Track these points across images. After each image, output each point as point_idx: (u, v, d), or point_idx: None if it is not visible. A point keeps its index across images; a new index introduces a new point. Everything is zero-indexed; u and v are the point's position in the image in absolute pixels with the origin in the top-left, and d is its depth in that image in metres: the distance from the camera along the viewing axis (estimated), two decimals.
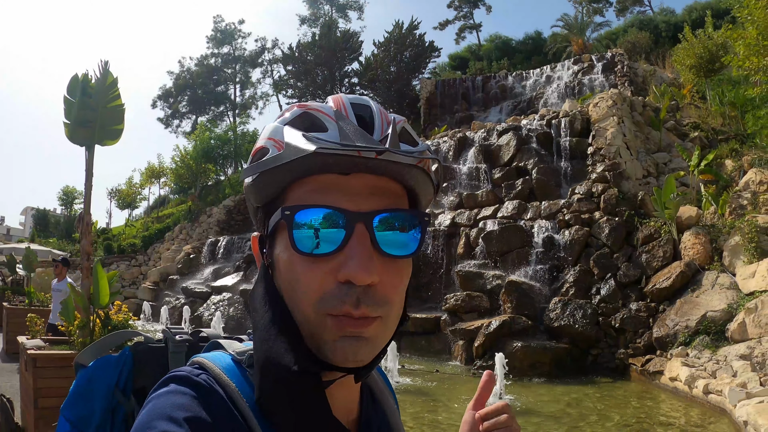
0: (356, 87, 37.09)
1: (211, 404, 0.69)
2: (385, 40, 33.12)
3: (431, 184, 0.78)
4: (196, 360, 0.78)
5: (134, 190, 40.11)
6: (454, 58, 41.35)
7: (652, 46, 29.76)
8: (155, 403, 0.67)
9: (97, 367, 0.96)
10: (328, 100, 0.78)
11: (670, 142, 16.36)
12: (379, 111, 0.77)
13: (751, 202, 12.27)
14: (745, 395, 7.11)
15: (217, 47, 47.02)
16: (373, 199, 0.72)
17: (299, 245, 0.70)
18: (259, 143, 0.77)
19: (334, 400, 0.74)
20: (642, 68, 25.33)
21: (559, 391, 9.67)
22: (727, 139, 15.77)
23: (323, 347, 0.71)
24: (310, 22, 42.62)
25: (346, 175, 0.72)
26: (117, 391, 0.94)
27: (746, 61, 14.25)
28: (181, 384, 0.70)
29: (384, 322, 0.72)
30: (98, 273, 6.05)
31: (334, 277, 0.70)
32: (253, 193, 0.78)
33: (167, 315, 20.21)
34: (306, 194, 0.73)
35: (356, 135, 0.70)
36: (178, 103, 47.77)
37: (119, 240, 30.82)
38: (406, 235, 0.74)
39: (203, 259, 24.04)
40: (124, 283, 26.69)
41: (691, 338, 10.10)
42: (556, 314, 11.57)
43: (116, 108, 6.17)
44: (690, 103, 18.66)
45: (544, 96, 26.52)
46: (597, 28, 39.63)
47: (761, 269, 10.31)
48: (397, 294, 0.74)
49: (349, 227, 0.70)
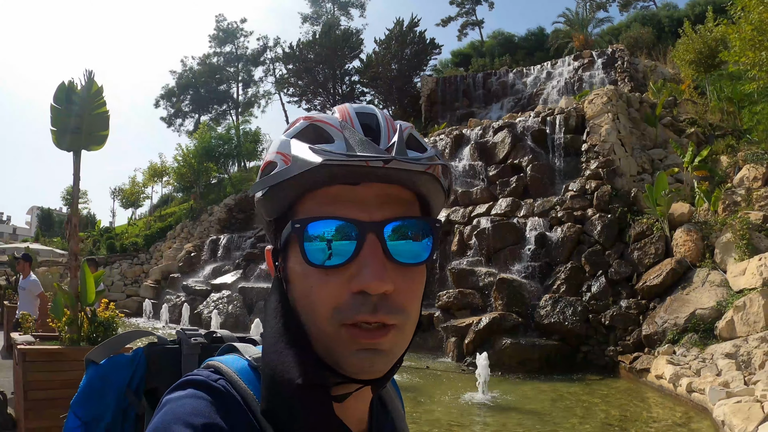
0: (357, 85, 37.07)
1: (228, 411, 0.69)
2: (386, 38, 33.03)
3: (442, 190, 0.78)
4: (212, 364, 0.78)
5: (138, 189, 40.25)
6: (456, 54, 41.25)
7: (654, 42, 29.53)
8: (172, 406, 0.67)
9: (111, 366, 0.95)
10: (334, 111, 0.78)
11: (666, 138, 16.26)
12: (385, 119, 0.77)
13: (745, 199, 12.18)
14: (725, 394, 7.06)
15: (219, 46, 47.12)
16: (384, 208, 0.72)
17: (311, 258, 0.71)
18: (268, 157, 0.77)
19: (346, 411, 0.75)
20: (643, 64, 25.15)
21: (544, 388, 9.66)
22: (724, 135, 15.66)
23: (340, 360, 0.71)
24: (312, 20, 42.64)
25: (355, 185, 0.72)
26: (129, 391, 0.94)
27: (742, 56, 14.16)
28: (199, 388, 0.70)
29: (400, 331, 0.72)
30: (85, 272, 6.19)
31: (348, 288, 0.70)
32: (264, 207, 0.79)
33: (167, 313, 20.40)
34: (316, 206, 0.73)
35: (362, 145, 0.70)
36: (181, 102, 47.91)
37: (122, 239, 30.96)
38: (418, 242, 0.74)
39: (204, 257, 24.20)
40: (127, 281, 26.87)
41: (679, 336, 10.05)
42: (547, 311, 11.55)
43: (101, 115, 6.32)
44: (687, 99, 18.53)
45: (544, 92, 26.41)
46: (599, 23, 39.44)
47: (751, 267, 10.23)
48: (413, 302, 0.75)
49: (361, 237, 0.70)
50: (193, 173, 32.00)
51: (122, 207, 41.00)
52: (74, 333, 5.88)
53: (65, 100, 6.17)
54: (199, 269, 23.57)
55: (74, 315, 5.93)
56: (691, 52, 18.96)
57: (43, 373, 5.44)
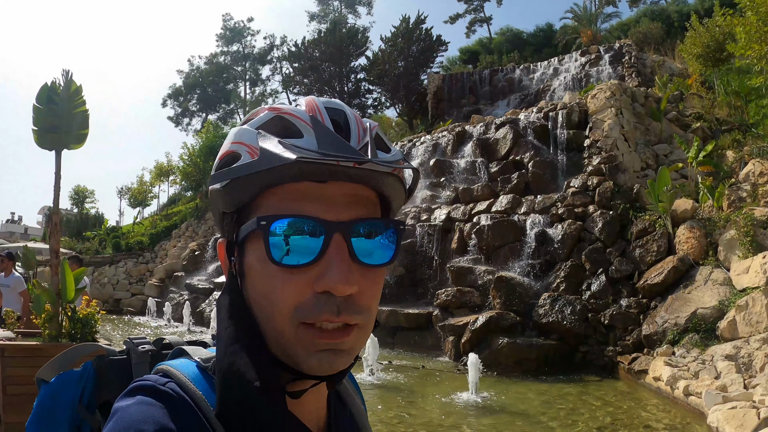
0: (363, 83, 36.87)
1: (179, 414, 0.67)
2: (392, 35, 32.78)
3: (404, 191, 0.78)
4: (161, 368, 0.76)
5: (145, 188, 40.30)
6: (464, 51, 40.87)
7: (663, 37, 29.12)
8: (121, 414, 0.65)
9: (60, 383, 0.93)
10: (300, 103, 0.75)
11: (671, 134, 15.92)
12: (354, 116, 0.75)
13: (750, 195, 11.84)
14: (721, 399, 6.76)
15: (226, 45, 47.14)
16: (351, 208, 0.71)
17: (275, 255, 0.69)
18: (228, 147, 0.74)
19: (303, 407, 0.75)
20: (651, 59, 24.77)
21: (539, 388, 9.41)
22: (731, 130, 15.29)
23: (298, 360, 0.70)
24: (319, 18, 42.43)
25: (323, 183, 0.70)
26: (81, 407, 0.91)
27: (748, 49, 13.83)
28: (148, 394, 0.68)
29: (362, 330, 0.72)
30: (65, 270, 6.32)
31: (311, 287, 0.69)
32: (221, 199, 0.75)
33: (170, 311, 20.49)
34: (281, 203, 0.71)
35: (335, 143, 0.69)
36: (188, 101, 48.01)
37: (128, 238, 30.99)
38: (383, 243, 0.73)
39: (207, 255, 24.19)
40: (132, 280, 27.00)
41: (680, 336, 9.75)
42: (545, 310, 11.29)
43: (81, 114, 6.52)
44: (694, 94, 18.16)
45: (551, 88, 26.09)
46: (607, 18, 38.96)
47: (755, 265, 9.92)
48: (375, 301, 0.74)
49: (327, 237, 0.69)
50: (199, 172, 31.99)
51: (130, 206, 41.11)
52: (54, 329, 6.00)
53: (47, 100, 6.33)
54: (202, 268, 23.58)
55: (54, 312, 6.06)
56: (699, 46, 18.60)
57: (22, 368, 5.57)
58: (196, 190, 33.09)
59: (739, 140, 14.41)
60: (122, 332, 16.98)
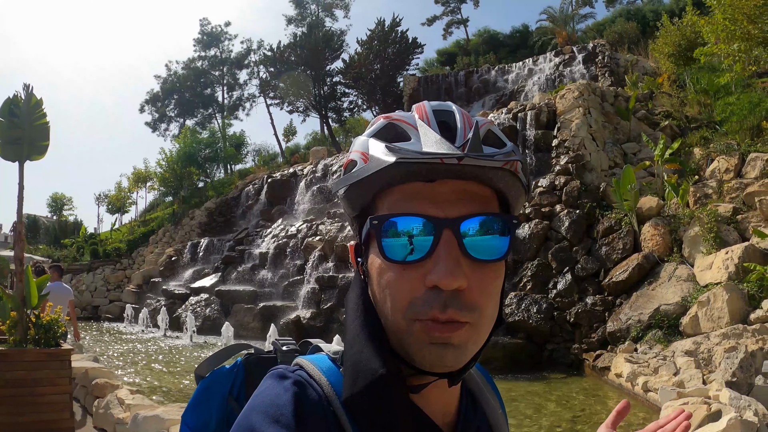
0: (338, 86, 36.79)
1: (305, 400, 0.71)
2: (368, 38, 32.81)
3: (521, 186, 0.78)
4: (297, 361, 0.82)
5: (123, 194, 39.92)
6: (441, 53, 41.00)
7: (639, 36, 29.35)
8: (253, 400, 0.72)
9: (213, 378, 1.00)
10: (412, 109, 0.79)
11: (640, 132, 16.01)
12: (462, 115, 0.77)
13: (716, 191, 11.94)
14: (676, 395, 6.78)
15: (204, 50, 46.82)
16: (461, 205, 0.73)
17: (388, 253, 0.73)
18: (349, 156, 0.79)
19: (429, 402, 0.78)
20: (624, 58, 24.95)
21: (504, 387, 9.40)
22: (699, 127, 15.41)
23: (411, 353, 0.73)
24: (297, 22, 42.23)
25: (432, 182, 0.73)
26: (231, 399, 0.98)
27: (714, 47, 13.95)
28: (277, 380, 0.74)
29: (474, 328, 0.73)
30: (28, 277, 6.54)
31: (423, 283, 0.71)
32: (346, 204, 0.82)
33: (147, 317, 20.29)
34: (394, 203, 0.74)
35: (437, 142, 0.71)
36: (166, 106, 47.62)
37: (105, 245, 30.69)
38: (494, 238, 0.74)
39: (184, 261, 24.06)
40: (110, 286, 26.78)
41: (643, 333, 9.80)
42: (512, 309, 11.32)
43: (42, 126, 6.79)
44: (663, 92, 18.30)
45: (525, 89, 26.22)
46: (582, 19, 39.18)
47: (717, 260, 10.00)
48: (489, 299, 0.75)
49: (437, 233, 0.71)
50: (176, 178, 31.76)
51: (108, 213, 40.68)
52: (18, 335, 6.25)
53: (9, 114, 6.58)
54: (179, 273, 23.46)
55: (19, 318, 6.30)
56: (670, 45, 18.81)
57: None
58: (175, 196, 32.84)
59: (707, 137, 14.52)
60: (94, 340, 16.74)
